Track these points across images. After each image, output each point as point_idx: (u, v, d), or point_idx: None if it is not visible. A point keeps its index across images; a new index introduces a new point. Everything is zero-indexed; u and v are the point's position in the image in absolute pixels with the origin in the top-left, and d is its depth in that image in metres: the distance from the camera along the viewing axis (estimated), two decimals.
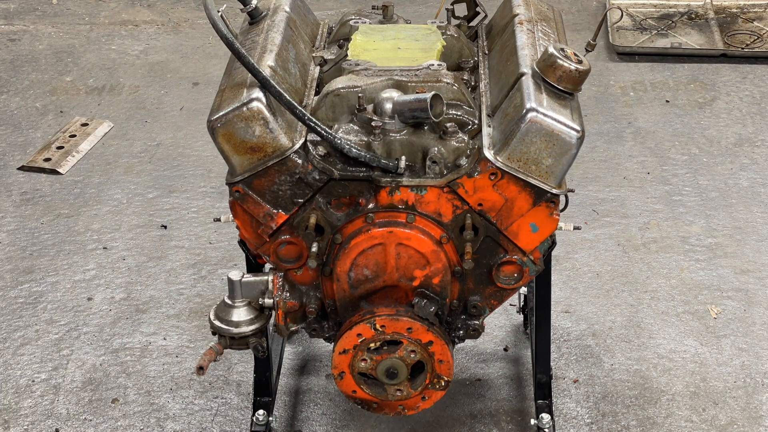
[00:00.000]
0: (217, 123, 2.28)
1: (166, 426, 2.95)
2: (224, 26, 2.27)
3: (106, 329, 3.28)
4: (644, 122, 4.35)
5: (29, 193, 3.95)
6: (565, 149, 2.25)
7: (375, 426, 2.93)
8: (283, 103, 2.25)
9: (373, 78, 2.39)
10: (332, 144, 2.25)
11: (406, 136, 2.27)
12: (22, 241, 3.69)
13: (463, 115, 2.35)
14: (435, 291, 2.36)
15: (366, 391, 2.41)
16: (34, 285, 3.48)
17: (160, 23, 5.23)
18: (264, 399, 2.82)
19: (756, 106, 4.44)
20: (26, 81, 4.71)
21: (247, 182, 2.31)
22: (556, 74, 2.31)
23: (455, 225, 2.32)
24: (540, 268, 2.40)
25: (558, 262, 3.47)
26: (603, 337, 3.23)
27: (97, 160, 4.14)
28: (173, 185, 3.96)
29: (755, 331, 3.25)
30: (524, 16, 2.60)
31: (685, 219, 3.76)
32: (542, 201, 2.29)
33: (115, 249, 3.64)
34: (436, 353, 2.35)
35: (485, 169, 2.26)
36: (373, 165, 2.25)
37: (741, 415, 2.96)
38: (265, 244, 2.38)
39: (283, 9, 2.64)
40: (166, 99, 4.57)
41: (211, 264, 3.55)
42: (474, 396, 3.03)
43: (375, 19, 2.72)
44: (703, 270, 3.51)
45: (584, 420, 2.96)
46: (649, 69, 4.73)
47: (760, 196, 3.88)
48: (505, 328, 3.26)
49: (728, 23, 5.05)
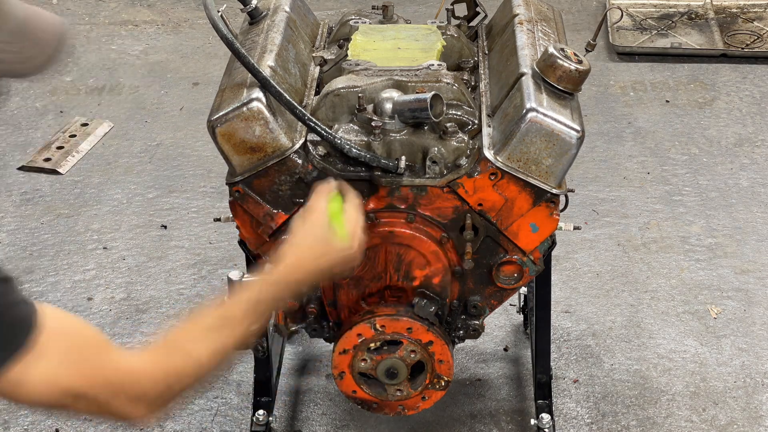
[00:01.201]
0: (217, 123, 2.28)
1: (166, 426, 2.95)
2: (224, 26, 2.27)
3: (106, 329, 3.27)
4: (644, 122, 4.35)
5: (29, 193, 3.95)
6: (565, 149, 2.25)
7: (375, 426, 2.93)
8: (283, 103, 2.25)
9: (373, 78, 2.39)
10: (332, 144, 2.25)
11: (406, 136, 2.27)
12: (22, 241, 3.69)
13: (463, 115, 2.35)
14: (435, 291, 2.36)
15: (366, 391, 2.41)
16: (34, 285, 3.48)
17: (160, 23, 5.23)
18: (264, 399, 2.82)
19: (756, 106, 4.44)
20: (26, 81, 4.71)
21: (247, 182, 2.31)
22: (556, 74, 2.31)
23: (455, 225, 2.32)
24: (540, 268, 2.40)
25: (558, 262, 3.46)
26: (603, 337, 3.23)
27: (97, 160, 4.14)
28: (173, 185, 3.96)
29: (755, 331, 3.25)
30: (524, 16, 2.60)
31: (685, 219, 3.76)
32: (542, 201, 2.29)
33: (115, 249, 3.64)
34: (436, 353, 2.35)
35: (485, 169, 2.26)
36: (373, 165, 2.25)
37: (741, 415, 2.96)
38: (265, 244, 2.38)
39: (283, 9, 2.64)
40: (166, 99, 4.57)
41: (211, 264, 3.55)
42: (474, 396, 3.03)
43: (375, 19, 2.72)
44: (703, 270, 3.51)
45: (584, 420, 2.96)
46: (649, 69, 4.73)
47: (760, 196, 3.88)
48: (505, 328, 3.26)
49: (728, 23, 5.05)
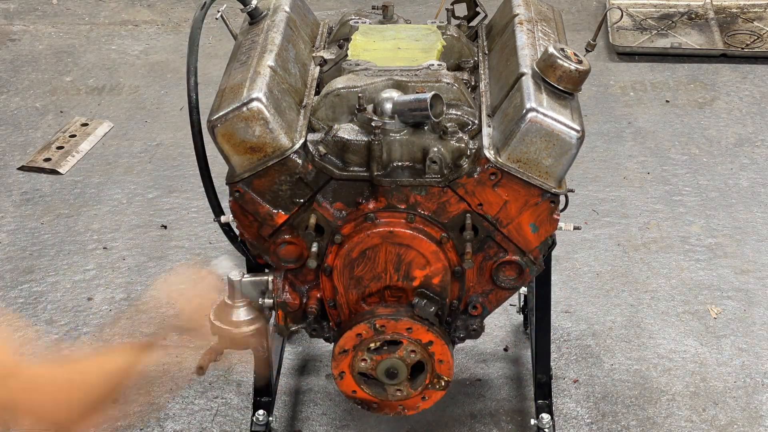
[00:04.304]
0: (217, 123, 2.28)
1: (166, 426, 2.95)
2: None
3: (106, 329, 3.27)
4: (644, 122, 4.35)
5: (29, 193, 3.95)
6: (565, 149, 2.25)
7: (375, 426, 2.93)
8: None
9: (373, 78, 2.39)
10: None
11: (406, 136, 2.27)
12: (22, 241, 3.69)
13: (463, 115, 2.35)
14: (435, 291, 2.36)
15: (366, 391, 2.41)
16: (34, 285, 3.48)
17: (160, 23, 5.23)
18: (264, 399, 2.82)
19: (756, 106, 4.44)
20: (26, 81, 4.71)
21: (247, 182, 2.31)
22: (556, 74, 2.31)
23: (455, 225, 2.32)
24: (540, 268, 2.40)
25: (558, 262, 3.46)
26: (603, 337, 3.23)
27: (97, 160, 4.14)
28: (173, 185, 3.97)
29: (755, 331, 3.25)
30: (524, 16, 2.60)
31: (685, 219, 3.76)
32: (542, 201, 2.29)
33: (115, 249, 3.64)
34: (436, 353, 2.35)
35: (485, 169, 2.26)
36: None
37: (741, 415, 2.96)
38: (265, 244, 2.38)
39: (283, 9, 2.64)
40: (166, 99, 4.57)
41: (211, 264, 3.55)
42: (474, 396, 3.03)
43: (375, 19, 2.72)
44: (703, 270, 3.51)
45: (584, 420, 2.96)
46: (649, 69, 4.73)
47: (760, 196, 3.88)
48: (505, 328, 3.26)
49: (728, 23, 5.05)
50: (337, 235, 2.32)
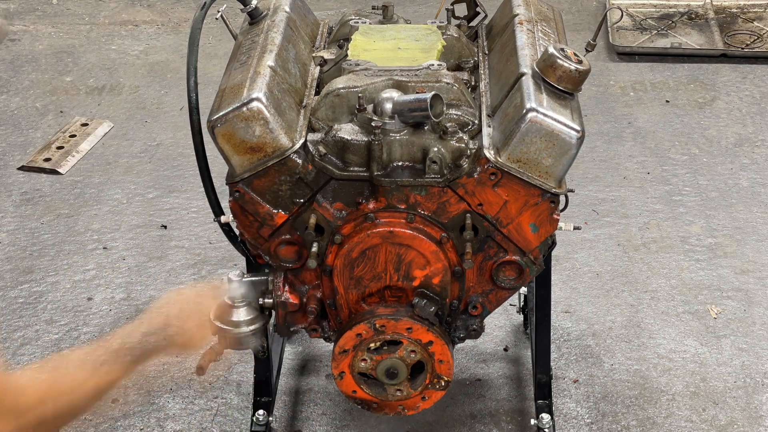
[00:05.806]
0: (217, 123, 2.28)
1: (166, 426, 2.95)
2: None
3: (106, 329, 3.28)
4: (644, 122, 4.35)
5: (29, 193, 3.95)
6: (565, 149, 2.25)
7: (375, 426, 2.93)
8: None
9: (373, 78, 2.39)
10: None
11: (406, 136, 2.27)
12: (22, 241, 3.69)
13: (463, 115, 2.35)
14: (435, 291, 2.36)
15: (366, 391, 2.41)
16: (34, 285, 3.48)
17: (160, 23, 5.23)
18: (264, 399, 2.82)
19: (756, 106, 4.44)
20: (26, 81, 4.71)
21: (247, 182, 2.31)
22: (556, 74, 2.31)
23: (455, 225, 2.32)
24: (540, 268, 2.40)
25: (558, 262, 3.47)
26: (603, 337, 3.23)
27: (97, 160, 4.15)
28: (173, 185, 3.97)
29: (755, 331, 3.25)
30: (524, 16, 2.60)
31: (685, 219, 3.76)
32: (542, 201, 2.29)
33: (115, 249, 3.64)
34: (436, 353, 2.35)
35: (485, 169, 2.26)
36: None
37: (741, 415, 2.96)
38: (265, 244, 2.38)
39: (283, 9, 2.64)
40: (166, 99, 4.57)
41: (211, 264, 3.55)
42: (474, 396, 3.03)
43: (375, 19, 2.72)
44: (703, 270, 3.51)
45: (584, 420, 2.96)
46: (649, 69, 4.73)
47: (760, 196, 3.89)
48: (505, 328, 3.26)
49: (728, 23, 5.05)
50: (337, 235, 2.32)
